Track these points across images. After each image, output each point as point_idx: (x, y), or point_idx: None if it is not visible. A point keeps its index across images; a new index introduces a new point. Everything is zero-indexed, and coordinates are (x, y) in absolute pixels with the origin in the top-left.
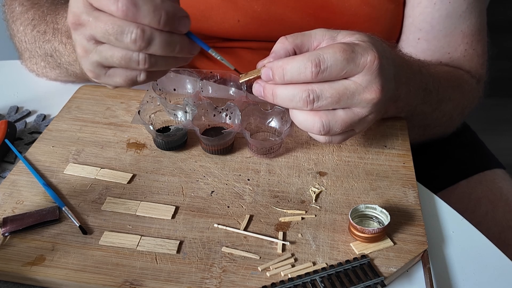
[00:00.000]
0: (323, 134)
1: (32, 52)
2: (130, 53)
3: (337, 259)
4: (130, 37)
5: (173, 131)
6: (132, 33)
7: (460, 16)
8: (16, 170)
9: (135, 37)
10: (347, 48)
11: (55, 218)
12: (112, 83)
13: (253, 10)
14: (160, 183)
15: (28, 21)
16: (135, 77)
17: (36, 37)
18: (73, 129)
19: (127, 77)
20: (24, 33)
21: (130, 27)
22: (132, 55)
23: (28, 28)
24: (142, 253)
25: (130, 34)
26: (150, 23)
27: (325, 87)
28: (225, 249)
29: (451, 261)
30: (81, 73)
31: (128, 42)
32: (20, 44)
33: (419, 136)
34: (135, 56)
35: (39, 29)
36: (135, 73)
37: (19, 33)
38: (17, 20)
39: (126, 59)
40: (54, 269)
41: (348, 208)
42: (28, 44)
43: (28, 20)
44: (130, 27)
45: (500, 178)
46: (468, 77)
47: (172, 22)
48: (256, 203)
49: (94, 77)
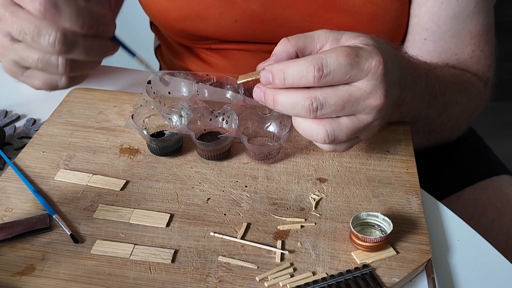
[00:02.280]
0: (328, 143)
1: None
2: (48, 56)
3: (338, 269)
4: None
5: (168, 136)
6: (50, 35)
7: (467, 16)
8: (5, 176)
9: (54, 40)
10: (351, 52)
11: (46, 226)
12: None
13: (251, 10)
14: (154, 190)
15: None
16: (55, 82)
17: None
18: (64, 134)
19: (46, 81)
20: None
21: (49, 29)
22: (50, 59)
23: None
24: (135, 263)
25: (48, 36)
26: (72, 27)
27: (329, 94)
28: (221, 259)
29: (456, 270)
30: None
31: (46, 44)
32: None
33: (424, 141)
34: (53, 60)
35: None
36: (54, 77)
37: None
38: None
39: (43, 62)
40: (44, 279)
41: (349, 216)
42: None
43: None
44: (49, 29)
45: (507, 185)
46: (475, 80)
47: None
48: (254, 210)
49: (12, 76)
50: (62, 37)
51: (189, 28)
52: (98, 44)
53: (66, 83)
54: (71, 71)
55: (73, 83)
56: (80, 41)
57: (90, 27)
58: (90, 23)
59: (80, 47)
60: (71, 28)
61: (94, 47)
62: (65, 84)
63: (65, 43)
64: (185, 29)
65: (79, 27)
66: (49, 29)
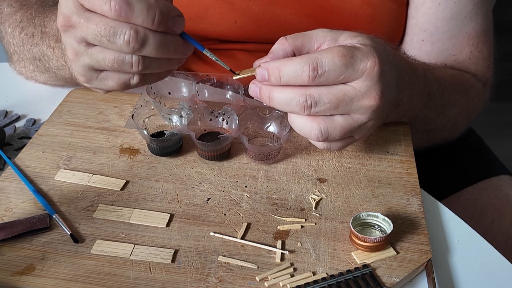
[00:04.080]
0: (321, 140)
1: (20, 55)
2: (123, 55)
3: (338, 269)
4: (123, 38)
5: (168, 136)
6: (125, 34)
7: (465, 17)
8: (5, 176)
9: (128, 38)
10: (347, 52)
11: (46, 226)
12: (105, 87)
13: (250, 10)
14: (154, 190)
15: (16, 23)
16: (128, 80)
17: (24, 40)
18: (64, 134)
19: (120, 80)
20: (12, 36)
21: (123, 28)
22: (125, 57)
23: (16, 31)
24: (135, 263)
25: (123, 35)
26: (144, 23)
27: (323, 92)
28: (221, 258)
29: (456, 270)
30: (70, 78)
31: (121, 43)
32: (9, 47)
33: (423, 141)
34: (128, 58)
35: (27, 31)
36: (128, 76)
37: (7, 35)
38: (5, 21)
39: (119, 61)
40: (44, 278)
41: (349, 216)
42: (16, 47)
43: (16, 22)
44: (123, 28)
45: (507, 185)
46: (474, 81)
47: (167, 22)
48: (254, 210)
49: (85, 81)
50: (135, 35)
51: (189, 28)
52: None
53: (138, 81)
54: (144, 68)
55: (145, 81)
56: (151, 38)
57: (161, 22)
58: (160, 18)
59: (151, 43)
60: (143, 25)
61: (164, 44)
62: (137, 82)
63: (138, 40)
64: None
65: (150, 23)
66: (124, 28)
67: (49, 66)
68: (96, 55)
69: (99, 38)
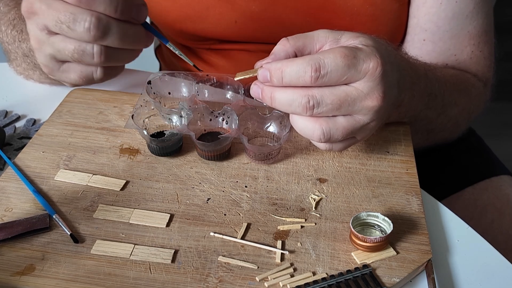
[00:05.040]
0: (323, 141)
1: (14, 53)
2: (84, 45)
3: (338, 269)
4: (83, 25)
5: (168, 136)
6: (85, 21)
7: (466, 17)
8: (5, 177)
9: (89, 25)
10: (349, 53)
11: (46, 226)
12: (67, 79)
13: (251, 10)
14: (154, 190)
15: (10, 21)
16: (91, 74)
17: (15, 37)
18: (64, 134)
19: (82, 73)
20: (6, 34)
21: (84, 15)
22: (86, 47)
23: (9, 28)
24: (135, 263)
25: (83, 22)
26: (106, 11)
27: (326, 93)
28: (221, 259)
29: (456, 270)
30: None
31: (82, 31)
32: (4, 45)
33: (423, 141)
34: (89, 48)
35: (18, 28)
36: (90, 69)
37: (2, 33)
38: (0, 20)
39: (80, 51)
40: (44, 279)
41: (349, 216)
42: (9, 45)
43: (10, 20)
44: (84, 15)
45: (507, 185)
46: (475, 81)
47: (130, 10)
48: (254, 210)
49: (48, 72)
50: (97, 22)
51: (189, 28)
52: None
53: (102, 75)
54: (106, 60)
55: (108, 75)
56: (114, 26)
57: (123, 10)
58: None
59: (114, 32)
60: (105, 12)
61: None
62: (100, 76)
63: (100, 28)
64: (185, 29)
65: (113, 11)
66: (84, 14)
67: (36, 63)
68: (58, 44)
69: (59, 25)
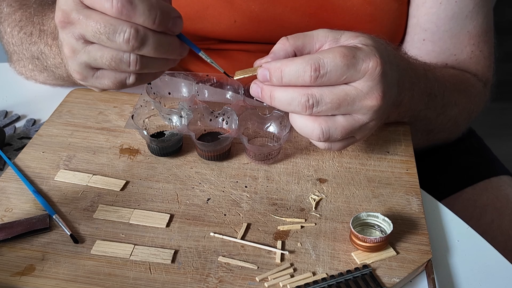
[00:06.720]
0: (322, 140)
1: (19, 54)
2: (121, 54)
3: (338, 269)
4: (123, 37)
5: (168, 136)
6: (125, 32)
7: (466, 17)
8: (5, 177)
9: (129, 36)
10: (348, 53)
11: (46, 227)
12: (100, 85)
13: (250, 10)
14: (154, 190)
15: (16, 23)
16: (124, 80)
17: (23, 39)
18: (64, 134)
19: (116, 79)
20: (11, 35)
21: (124, 26)
22: (122, 56)
23: (15, 30)
24: (135, 263)
25: (123, 33)
26: (145, 23)
27: (325, 92)
28: (221, 259)
29: (456, 270)
30: (68, 76)
31: (121, 42)
32: (8, 46)
33: (423, 141)
34: (125, 57)
35: (26, 30)
36: (124, 75)
37: (7, 35)
38: (4, 21)
39: (117, 60)
40: (44, 279)
41: (349, 216)
42: (15, 46)
43: (16, 21)
44: (124, 26)
45: (506, 185)
46: (475, 81)
47: (167, 22)
48: (254, 211)
49: (81, 79)
50: (135, 33)
51: (188, 28)
52: (166, 40)
53: (134, 80)
54: (141, 68)
55: (141, 81)
56: (150, 37)
57: (161, 22)
58: (161, 18)
59: (150, 43)
60: (143, 24)
61: (163, 44)
62: (133, 81)
63: (138, 39)
64: (184, 29)
65: (151, 23)
66: (124, 26)
67: (47, 65)
68: (94, 53)
69: (98, 35)
